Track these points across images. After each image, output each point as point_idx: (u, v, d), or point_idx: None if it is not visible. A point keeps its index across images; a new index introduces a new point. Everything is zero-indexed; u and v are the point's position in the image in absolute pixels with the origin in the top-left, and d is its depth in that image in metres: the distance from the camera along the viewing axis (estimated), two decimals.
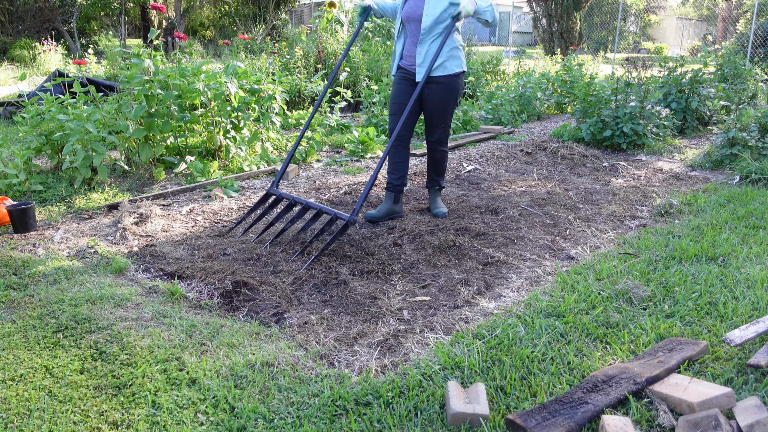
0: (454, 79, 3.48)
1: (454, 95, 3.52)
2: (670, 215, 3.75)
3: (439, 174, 3.79)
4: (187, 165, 4.67)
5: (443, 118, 3.57)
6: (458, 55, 3.48)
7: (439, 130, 3.61)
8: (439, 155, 3.71)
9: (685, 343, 2.06)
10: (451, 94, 3.50)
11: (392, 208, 3.67)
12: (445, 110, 3.54)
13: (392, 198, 3.66)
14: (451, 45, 3.42)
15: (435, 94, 3.48)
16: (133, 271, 2.91)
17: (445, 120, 3.59)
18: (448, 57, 3.43)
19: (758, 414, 1.62)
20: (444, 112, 3.54)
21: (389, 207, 3.66)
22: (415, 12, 3.40)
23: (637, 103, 5.91)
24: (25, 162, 4.20)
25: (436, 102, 3.50)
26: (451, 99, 3.51)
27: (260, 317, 2.47)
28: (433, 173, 3.78)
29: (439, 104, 3.50)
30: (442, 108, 3.52)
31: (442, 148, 3.70)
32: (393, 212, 3.67)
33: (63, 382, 1.94)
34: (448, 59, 3.43)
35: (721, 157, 5.14)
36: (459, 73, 3.50)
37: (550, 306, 2.45)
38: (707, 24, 28.08)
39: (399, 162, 3.65)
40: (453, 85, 3.48)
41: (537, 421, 1.67)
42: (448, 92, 3.48)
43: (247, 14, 22.85)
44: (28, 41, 16.56)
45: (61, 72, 7.51)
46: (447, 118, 3.59)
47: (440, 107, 3.52)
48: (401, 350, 2.19)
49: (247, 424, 1.75)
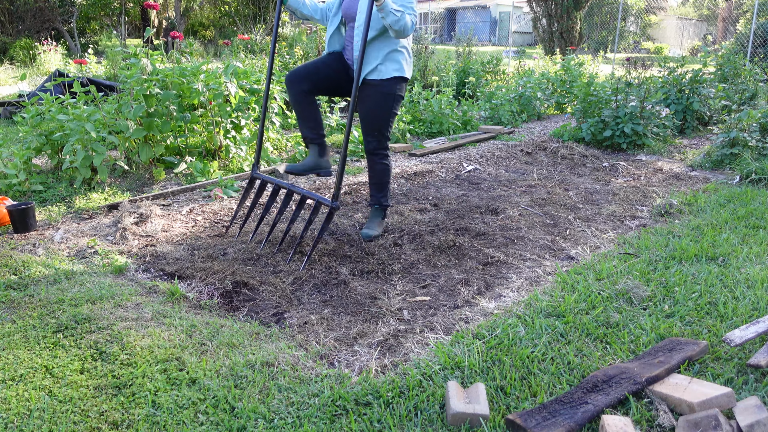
0: (390, 84, 3.16)
1: (388, 102, 3.18)
2: (670, 215, 3.75)
3: (379, 189, 3.40)
4: (187, 165, 4.67)
5: (377, 125, 3.23)
6: (398, 58, 3.16)
7: (373, 139, 3.28)
8: (378, 167, 3.35)
9: (685, 343, 2.06)
10: (385, 99, 3.17)
11: (318, 162, 3.33)
12: (378, 117, 3.21)
13: (316, 151, 3.33)
14: (390, 47, 3.12)
15: (368, 98, 3.18)
16: (133, 271, 2.91)
17: (380, 128, 3.24)
18: (385, 60, 3.12)
19: (758, 414, 1.62)
20: (377, 118, 3.21)
21: (314, 160, 3.34)
22: (350, 9, 3.17)
23: (638, 103, 5.92)
24: (25, 162, 4.20)
25: (368, 107, 3.19)
26: (384, 105, 3.18)
27: (260, 317, 2.47)
28: (373, 188, 3.42)
29: (372, 110, 3.19)
30: (375, 114, 3.20)
31: (381, 161, 3.33)
32: (319, 166, 3.34)
33: (63, 382, 1.94)
34: (384, 62, 3.13)
35: (721, 157, 5.14)
36: (396, 78, 3.17)
37: (550, 306, 2.45)
38: (707, 24, 28.09)
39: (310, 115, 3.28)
40: (387, 90, 3.16)
41: (537, 421, 1.67)
42: (381, 97, 3.16)
43: (247, 14, 22.86)
44: (28, 41, 16.56)
45: (61, 72, 7.51)
46: (382, 126, 3.24)
47: (372, 113, 3.20)
48: (401, 350, 2.19)
49: (247, 424, 1.75)
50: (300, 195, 3.16)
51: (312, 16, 3.37)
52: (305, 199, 3.16)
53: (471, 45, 11.26)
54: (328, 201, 3.00)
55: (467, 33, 12.04)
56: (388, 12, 2.91)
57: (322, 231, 2.99)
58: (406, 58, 3.24)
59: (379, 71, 3.14)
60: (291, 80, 3.23)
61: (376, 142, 3.29)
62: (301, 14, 3.34)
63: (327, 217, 2.99)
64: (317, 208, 3.06)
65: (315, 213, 3.06)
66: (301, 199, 3.18)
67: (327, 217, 2.99)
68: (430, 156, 5.64)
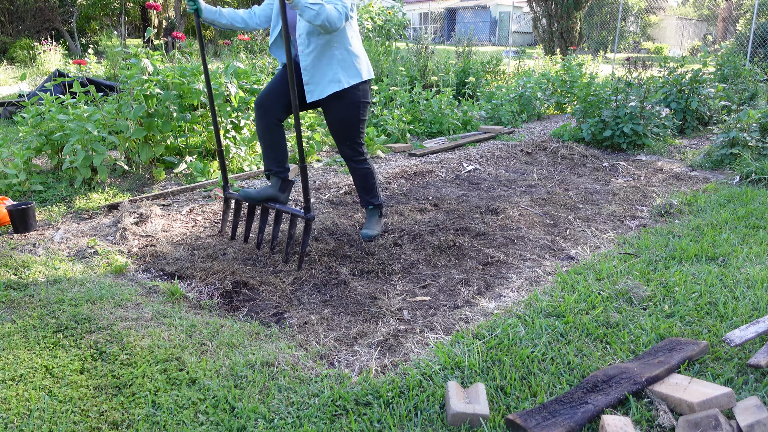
0: (352, 92, 3.02)
1: (355, 109, 3.07)
2: (670, 215, 3.75)
3: (365, 192, 3.34)
4: (187, 165, 4.67)
5: (347, 135, 3.14)
6: (351, 62, 3.00)
7: (346, 148, 3.19)
8: (359, 172, 3.27)
9: (685, 343, 2.06)
10: (349, 109, 3.05)
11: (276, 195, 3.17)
12: (346, 127, 3.11)
13: (277, 185, 3.18)
14: (339, 54, 2.96)
15: (332, 111, 3.07)
16: (133, 271, 2.91)
17: (350, 137, 3.15)
18: (338, 68, 2.97)
19: (758, 414, 1.62)
20: (345, 129, 3.12)
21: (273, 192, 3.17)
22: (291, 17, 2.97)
23: (638, 103, 5.92)
24: (25, 162, 4.20)
25: (334, 118, 3.09)
26: (352, 114, 3.07)
27: (260, 317, 2.47)
28: (359, 191, 3.36)
29: (338, 120, 3.09)
30: (342, 125, 3.11)
31: (361, 165, 3.26)
32: (276, 199, 3.16)
33: (63, 382, 1.94)
34: (338, 71, 2.96)
35: (721, 157, 5.14)
36: (356, 84, 3.03)
37: (550, 306, 2.45)
38: (707, 24, 28.08)
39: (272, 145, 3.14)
40: (350, 99, 3.03)
41: (537, 421, 1.67)
42: (344, 108, 3.05)
43: None
44: (28, 41, 16.57)
45: (61, 72, 7.51)
46: (352, 135, 3.15)
47: (339, 124, 3.10)
48: (401, 350, 2.19)
49: (247, 424, 1.75)
50: (276, 210, 3.14)
51: (233, 24, 3.18)
52: (281, 213, 3.14)
53: (471, 45, 11.26)
54: (301, 212, 2.98)
55: (467, 33, 12.04)
56: (303, 8, 2.68)
57: (305, 244, 2.95)
58: (358, 59, 3.05)
59: (337, 81, 2.97)
60: (263, 107, 3.06)
61: (350, 150, 3.20)
62: (222, 25, 3.15)
63: (305, 229, 2.95)
64: (294, 222, 3.05)
65: (293, 227, 3.04)
66: (277, 213, 3.15)
67: (305, 228, 2.95)
68: (430, 156, 5.64)
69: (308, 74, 2.96)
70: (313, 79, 2.96)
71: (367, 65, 3.12)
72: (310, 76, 2.96)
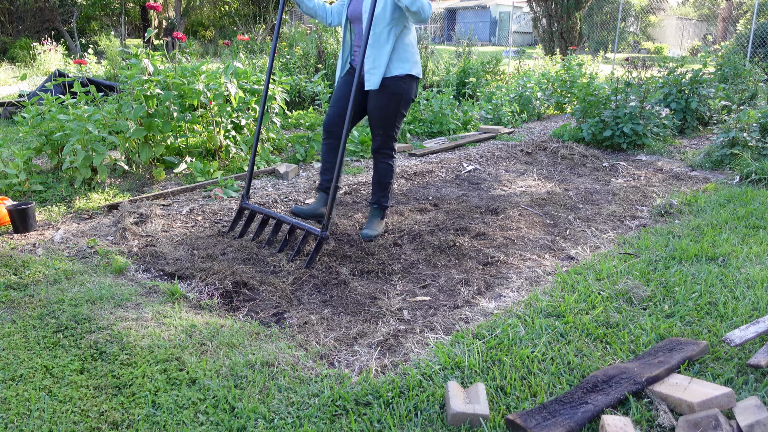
0: (398, 83, 3.11)
1: (395, 100, 3.14)
2: (670, 215, 3.75)
3: (380, 188, 3.36)
4: (187, 165, 4.67)
5: (383, 124, 3.19)
6: (406, 57, 3.12)
7: (378, 138, 3.24)
8: (382, 167, 3.31)
9: (685, 343, 2.06)
10: (393, 98, 3.13)
11: (320, 210, 3.38)
12: (385, 116, 3.17)
13: (323, 199, 3.38)
14: (396, 43, 3.09)
15: (374, 96, 3.15)
16: (133, 271, 2.91)
17: (386, 127, 3.20)
18: (393, 58, 3.10)
19: (758, 414, 1.62)
20: (383, 118, 3.17)
21: (316, 207, 3.39)
22: (356, 10, 3.13)
23: (637, 103, 5.92)
24: (25, 162, 4.20)
25: (375, 105, 3.16)
26: (391, 104, 3.14)
27: (260, 317, 2.47)
28: (375, 186, 3.38)
29: (378, 108, 3.16)
30: (382, 113, 3.16)
31: (385, 160, 3.29)
32: (320, 214, 3.38)
33: (63, 382, 1.94)
34: (392, 60, 3.09)
35: (721, 157, 5.14)
36: (404, 76, 3.12)
37: (550, 306, 2.45)
38: (707, 24, 28.07)
39: (329, 161, 3.34)
40: (395, 89, 3.11)
41: (537, 421, 1.67)
42: (388, 96, 3.12)
43: (247, 14, 22.87)
44: (28, 41, 16.57)
45: (62, 72, 7.51)
46: (388, 126, 3.20)
47: (379, 112, 3.16)
48: (401, 350, 2.19)
49: (247, 424, 1.75)
50: (290, 225, 3.15)
51: (315, 11, 3.34)
52: (294, 228, 3.14)
53: (471, 45, 11.26)
54: (317, 231, 2.98)
55: (467, 33, 12.04)
56: None
57: (311, 260, 2.94)
58: (413, 55, 3.16)
59: (388, 69, 3.10)
60: (333, 135, 3.28)
61: (381, 140, 3.25)
62: (306, 7, 3.31)
63: (316, 247, 2.95)
64: (305, 239, 3.05)
65: (304, 243, 3.05)
66: (291, 228, 3.16)
67: (316, 246, 2.95)
68: (430, 156, 5.64)
69: (369, 62, 3.09)
70: (373, 67, 3.09)
71: (419, 64, 3.23)
72: (371, 63, 3.08)
